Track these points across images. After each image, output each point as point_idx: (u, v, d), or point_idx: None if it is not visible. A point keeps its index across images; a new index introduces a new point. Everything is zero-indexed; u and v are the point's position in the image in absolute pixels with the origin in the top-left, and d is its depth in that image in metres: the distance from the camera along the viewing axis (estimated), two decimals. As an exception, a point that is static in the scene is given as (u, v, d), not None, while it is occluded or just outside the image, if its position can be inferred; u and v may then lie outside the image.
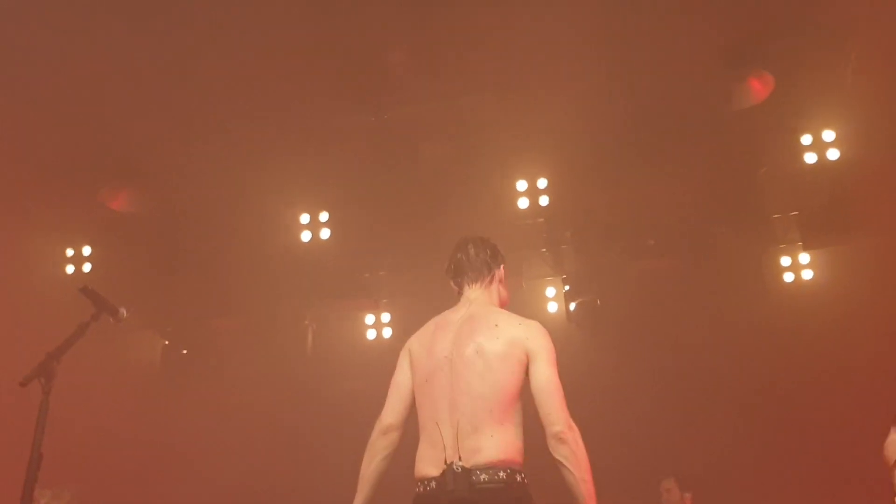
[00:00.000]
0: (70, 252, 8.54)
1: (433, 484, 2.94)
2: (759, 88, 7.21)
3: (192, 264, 8.54)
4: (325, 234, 8.27)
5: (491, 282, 3.58)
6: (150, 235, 8.48)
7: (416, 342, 3.44)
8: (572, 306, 8.24)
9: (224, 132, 7.55)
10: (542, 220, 8.11)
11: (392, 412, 3.30)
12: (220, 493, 8.15)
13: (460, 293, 3.63)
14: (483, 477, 2.89)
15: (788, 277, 8.02)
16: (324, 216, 8.29)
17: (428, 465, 3.01)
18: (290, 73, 7.06)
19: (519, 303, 8.52)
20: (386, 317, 8.77)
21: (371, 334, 8.77)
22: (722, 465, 7.82)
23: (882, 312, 7.02)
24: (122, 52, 6.62)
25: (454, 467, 2.89)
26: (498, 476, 2.90)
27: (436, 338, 3.34)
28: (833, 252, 7.97)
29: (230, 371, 8.64)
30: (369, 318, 8.78)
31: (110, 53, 6.61)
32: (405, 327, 8.68)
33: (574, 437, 3.06)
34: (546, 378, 3.15)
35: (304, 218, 8.30)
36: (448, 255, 3.78)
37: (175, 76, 6.95)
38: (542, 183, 7.87)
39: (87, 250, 8.56)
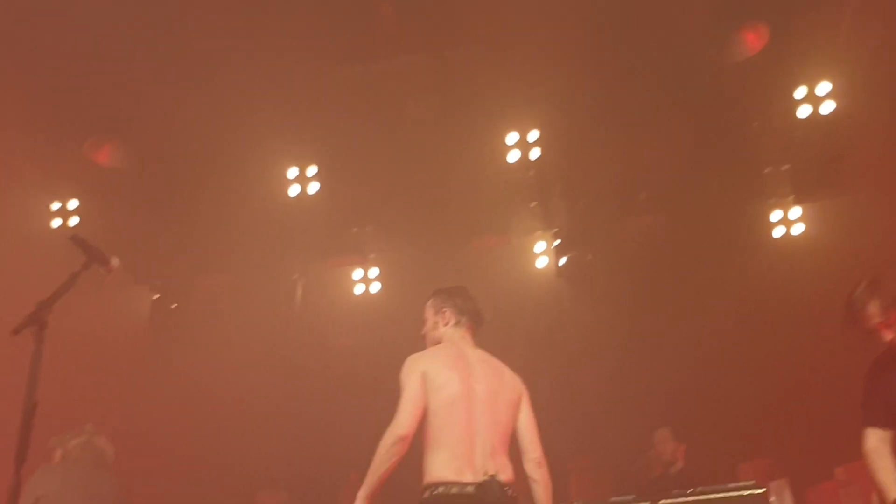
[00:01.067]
0: (56, 205, 8.44)
1: (470, 489, 3.52)
2: (753, 41, 7.09)
3: (180, 219, 8.45)
4: (313, 188, 8.18)
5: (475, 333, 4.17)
6: (138, 190, 8.36)
7: (430, 366, 3.84)
8: (562, 261, 8.20)
9: (211, 84, 7.41)
10: (532, 173, 8.02)
11: (407, 425, 3.70)
12: (209, 447, 8.20)
13: (467, 333, 4.15)
14: (509, 491, 3.61)
15: (779, 231, 7.99)
16: (312, 170, 8.19)
17: (456, 472, 3.56)
18: (279, 24, 6.92)
19: (507, 259, 8.58)
20: (374, 272, 8.73)
21: (359, 289, 8.74)
22: (715, 417, 7.89)
23: (872, 266, 7.00)
24: (108, 2, 6.47)
25: (497, 478, 3.56)
26: (514, 492, 3.65)
27: (458, 367, 3.86)
28: (824, 206, 7.94)
29: (219, 326, 8.64)
30: (357, 273, 8.74)
31: (96, 3, 6.46)
32: (393, 282, 8.68)
33: (544, 463, 3.89)
34: (531, 418, 3.99)
35: (292, 172, 8.20)
36: (457, 296, 4.23)
37: (162, 27, 6.80)
38: (532, 136, 7.76)
39: (73, 204, 8.45)
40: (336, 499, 9.59)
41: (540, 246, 8.42)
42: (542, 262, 8.42)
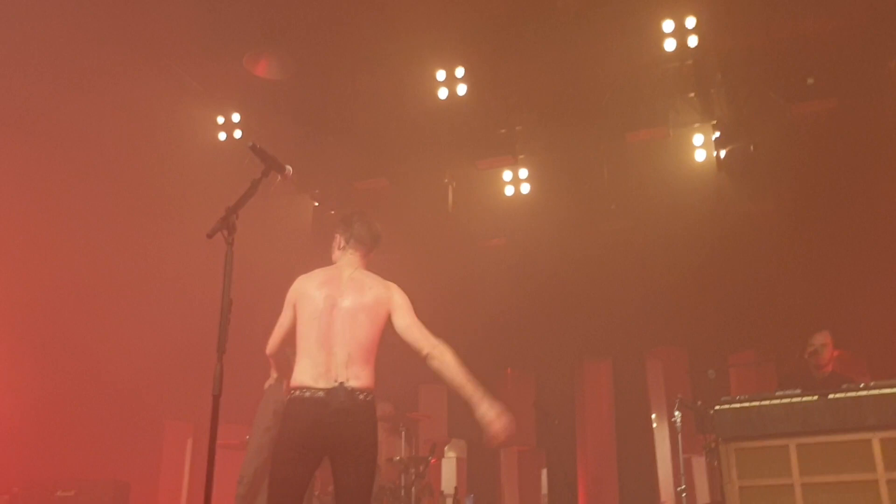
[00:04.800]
0: (221, 119, 8.86)
1: (320, 394, 3.86)
2: None
3: (336, 127, 8.68)
4: (461, 90, 8.16)
5: (367, 254, 4.40)
6: (295, 100, 8.63)
7: (303, 285, 4.15)
8: (723, 154, 7.88)
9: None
10: (690, 62, 7.65)
11: (270, 346, 4.19)
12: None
13: (363, 257, 4.37)
14: (361, 396, 3.92)
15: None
16: (460, 72, 8.15)
17: (313, 379, 3.88)
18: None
19: (664, 153, 8.31)
20: (523, 172, 8.69)
21: (509, 190, 8.75)
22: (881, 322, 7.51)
23: None
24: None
25: (347, 384, 3.88)
26: (369, 397, 3.97)
27: (329, 286, 4.14)
28: None
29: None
30: (507, 175, 8.73)
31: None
32: (543, 182, 8.62)
33: (439, 349, 4.15)
34: (408, 320, 4.22)
35: (441, 75, 8.20)
36: (350, 222, 4.38)
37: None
38: (690, 22, 7.35)
39: (236, 117, 8.86)
40: (492, 392, 9.92)
41: (699, 138, 8.09)
42: (701, 156, 8.10)
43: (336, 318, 4.05)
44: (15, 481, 6.84)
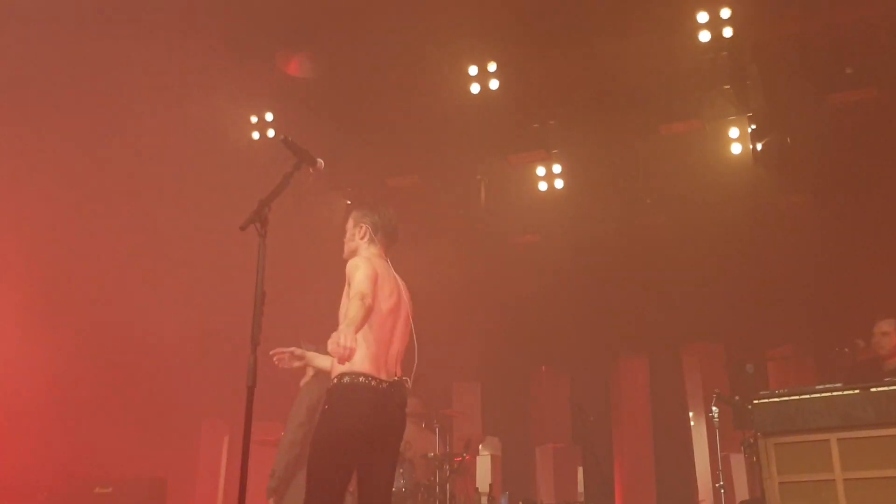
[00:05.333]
0: (254, 119, 8.93)
1: (384, 385, 3.87)
2: None
3: (367, 125, 8.70)
4: (493, 85, 8.13)
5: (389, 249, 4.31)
6: (327, 98, 8.66)
7: (379, 271, 3.99)
8: (759, 146, 7.77)
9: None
10: (724, 53, 7.54)
11: (371, 294, 3.86)
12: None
13: (381, 250, 4.23)
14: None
15: None
16: (492, 67, 8.12)
17: (375, 368, 3.86)
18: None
19: (699, 146, 8.21)
20: (557, 168, 8.64)
21: (543, 186, 8.70)
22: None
23: None
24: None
25: (405, 381, 3.98)
26: None
27: (394, 281, 4.10)
28: None
29: (407, 227, 8.84)
30: (540, 170, 8.69)
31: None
32: (577, 177, 8.56)
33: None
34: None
35: (473, 70, 8.18)
36: (376, 212, 4.27)
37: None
38: (725, 13, 7.24)
39: (269, 116, 8.92)
40: (526, 389, 9.90)
41: (734, 131, 7.97)
42: (737, 149, 7.99)
43: (400, 312, 4.05)
44: (54, 478, 6.94)
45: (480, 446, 9.01)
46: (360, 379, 3.80)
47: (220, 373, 8.26)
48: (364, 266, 3.89)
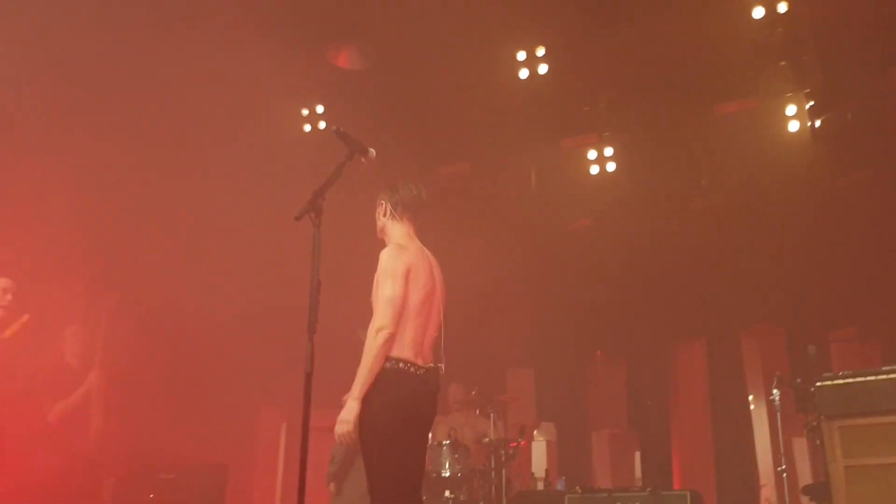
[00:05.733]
0: (305, 112, 9.02)
1: (422, 371, 3.90)
2: None
3: (416, 114, 8.72)
4: (542, 69, 8.08)
5: (416, 221, 4.26)
6: (376, 89, 8.69)
7: (412, 262, 3.99)
8: (817, 123, 7.57)
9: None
10: (780, 29, 7.37)
11: (395, 324, 3.87)
12: (455, 331, 8.60)
13: (415, 226, 4.23)
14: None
15: None
16: (540, 51, 8.07)
17: (414, 354, 3.89)
18: None
19: (755, 124, 8.03)
20: (609, 151, 8.54)
21: (594, 170, 8.61)
22: None
23: None
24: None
25: (439, 367, 3.99)
26: None
27: (428, 266, 4.08)
28: None
29: (457, 214, 8.85)
30: (591, 154, 8.59)
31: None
32: (630, 160, 8.45)
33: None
34: None
35: (521, 55, 8.13)
36: (396, 189, 4.21)
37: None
38: (779, -12, 7.08)
39: (320, 108, 9.00)
40: (582, 375, 9.84)
41: (791, 108, 7.78)
42: (794, 126, 7.79)
43: (436, 298, 4.05)
44: (121, 465, 7.12)
45: (535, 432, 9.01)
46: (401, 365, 3.83)
47: (276, 360, 8.40)
48: (394, 267, 3.89)
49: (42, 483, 5.38)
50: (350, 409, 3.75)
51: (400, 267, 3.90)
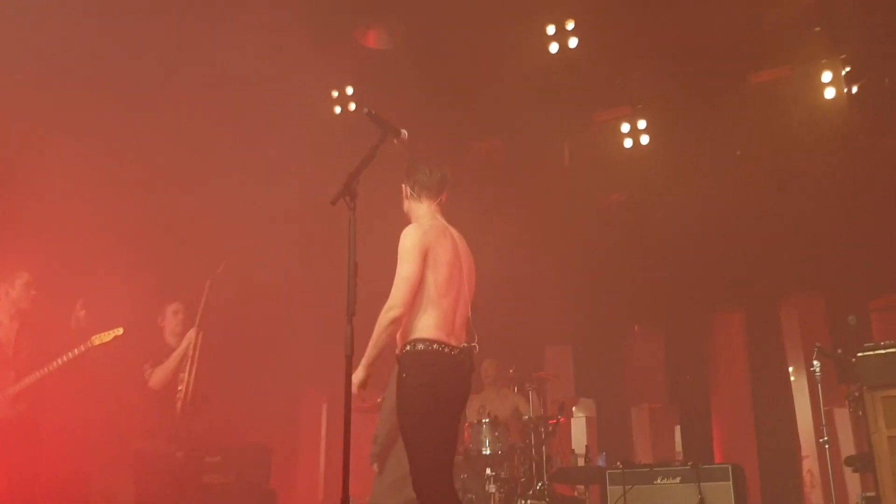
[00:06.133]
0: (335, 94, 9.03)
1: (456, 352, 3.92)
2: None
3: (446, 92, 8.67)
4: (572, 42, 8.02)
5: (438, 200, 4.26)
6: (405, 68, 8.67)
7: (431, 241, 3.99)
8: (854, 89, 7.42)
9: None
10: (814, -6, 7.23)
11: (404, 307, 3.89)
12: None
13: (438, 204, 4.23)
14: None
15: None
16: (570, 24, 8.00)
17: (446, 334, 3.91)
18: None
19: (790, 93, 7.89)
20: (642, 123, 8.45)
21: (628, 143, 8.53)
22: None
23: None
24: None
25: (472, 348, 3.99)
26: None
27: (451, 244, 4.07)
28: None
29: (488, 193, 8.82)
30: (625, 126, 8.52)
31: None
32: (664, 132, 8.36)
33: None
34: None
35: (551, 29, 8.07)
36: (416, 170, 4.25)
37: None
38: (812, -49, 6.94)
39: (349, 90, 9.01)
40: (618, 351, 9.82)
41: (827, 75, 7.63)
42: (830, 93, 7.64)
43: (463, 276, 4.04)
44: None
45: (574, 408, 9.01)
46: (434, 346, 3.86)
47: (316, 342, 8.50)
48: (410, 246, 3.91)
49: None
50: (356, 375, 3.86)
51: (416, 246, 3.92)
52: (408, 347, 3.91)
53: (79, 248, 6.98)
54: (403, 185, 4.27)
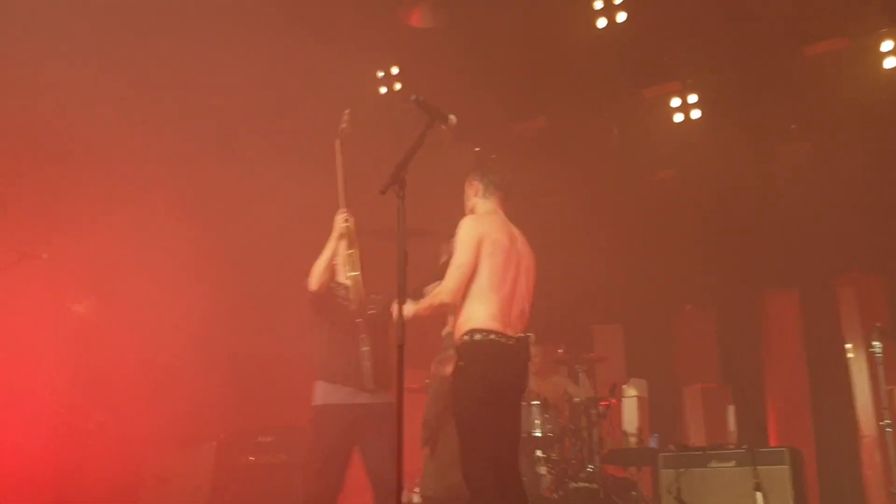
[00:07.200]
0: (380, 74, 8.98)
1: (513, 342, 3.96)
2: None
3: (490, 70, 8.55)
4: (620, 17, 7.86)
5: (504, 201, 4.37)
6: (450, 47, 8.59)
7: (486, 230, 4.06)
8: (916, 58, 7.14)
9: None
10: (872, -40, 6.95)
11: (454, 295, 3.98)
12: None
13: (498, 206, 4.31)
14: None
15: None
16: (617, -1, 7.85)
17: (502, 325, 3.95)
18: None
19: (847, 64, 7.61)
20: (692, 98, 8.25)
21: (678, 118, 8.34)
22: None
23: None
24: None
25: (529, 336, 4.05)
26: None
27: (508, 234, 4.15)
28: None
29: (535, 172, 8.70)
30: (675, 101, 8.32)
31: None
32: (715, 106, 8.15)
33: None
34: None
35: (598, 4, 7.93)
36: (488, 171, 4.38)
37: None
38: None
39: (395, 70, 8.96)
40: (669, 330, 9.68)
41: (888, 44, 7.34)
42: (890, 63, 7.36)
43: (521, 269, 4.11)
44: (222, 428, 7.40)
45: (625, 388, 8.93)
46: (492, 336, 3.90)
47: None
48: (466, 235, 3.99)
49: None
50: (407, 308, 3.58)
51: (471, 236, 4.00)
52: (465, 338, 3.96)
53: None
54: (473, 181, 4.33)
